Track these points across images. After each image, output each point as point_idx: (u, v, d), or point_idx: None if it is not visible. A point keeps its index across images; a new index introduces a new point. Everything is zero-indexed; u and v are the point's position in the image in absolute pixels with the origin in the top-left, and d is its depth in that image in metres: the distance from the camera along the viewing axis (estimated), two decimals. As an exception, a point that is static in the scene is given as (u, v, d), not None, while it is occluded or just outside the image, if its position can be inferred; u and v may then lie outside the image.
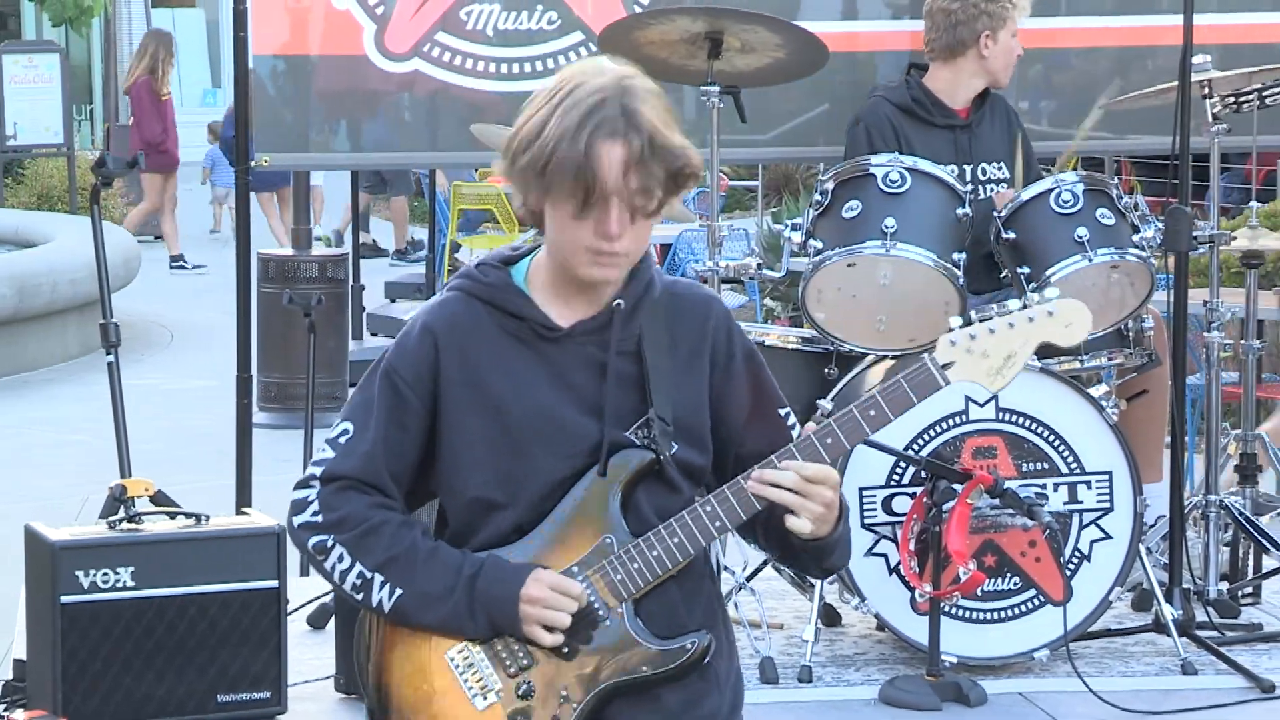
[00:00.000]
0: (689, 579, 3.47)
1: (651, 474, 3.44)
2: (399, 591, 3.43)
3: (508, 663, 3.40)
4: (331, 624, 6.32)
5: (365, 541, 3.44)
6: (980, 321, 3.39)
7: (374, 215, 21.32)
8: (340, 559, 3.46)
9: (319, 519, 3.48)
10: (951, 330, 3.41)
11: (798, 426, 3.54)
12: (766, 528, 3.51)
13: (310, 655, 6.39)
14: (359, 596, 3.46)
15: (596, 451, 3.41)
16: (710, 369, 3.48)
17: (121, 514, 5.97)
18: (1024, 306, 3.39)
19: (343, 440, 3.49)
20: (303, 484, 3.52)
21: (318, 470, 3.51)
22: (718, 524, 3.39)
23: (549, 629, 3.38)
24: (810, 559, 3.54)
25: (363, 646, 3.52)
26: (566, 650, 3.39)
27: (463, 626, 3.41)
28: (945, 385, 3.39)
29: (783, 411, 3.53)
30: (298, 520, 3.50)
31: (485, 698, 3.41)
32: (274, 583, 5.89)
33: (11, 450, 10.67)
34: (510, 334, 3.44)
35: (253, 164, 7.07)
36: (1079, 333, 3.43)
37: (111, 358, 6.69)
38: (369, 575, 3.44)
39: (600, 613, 3.39)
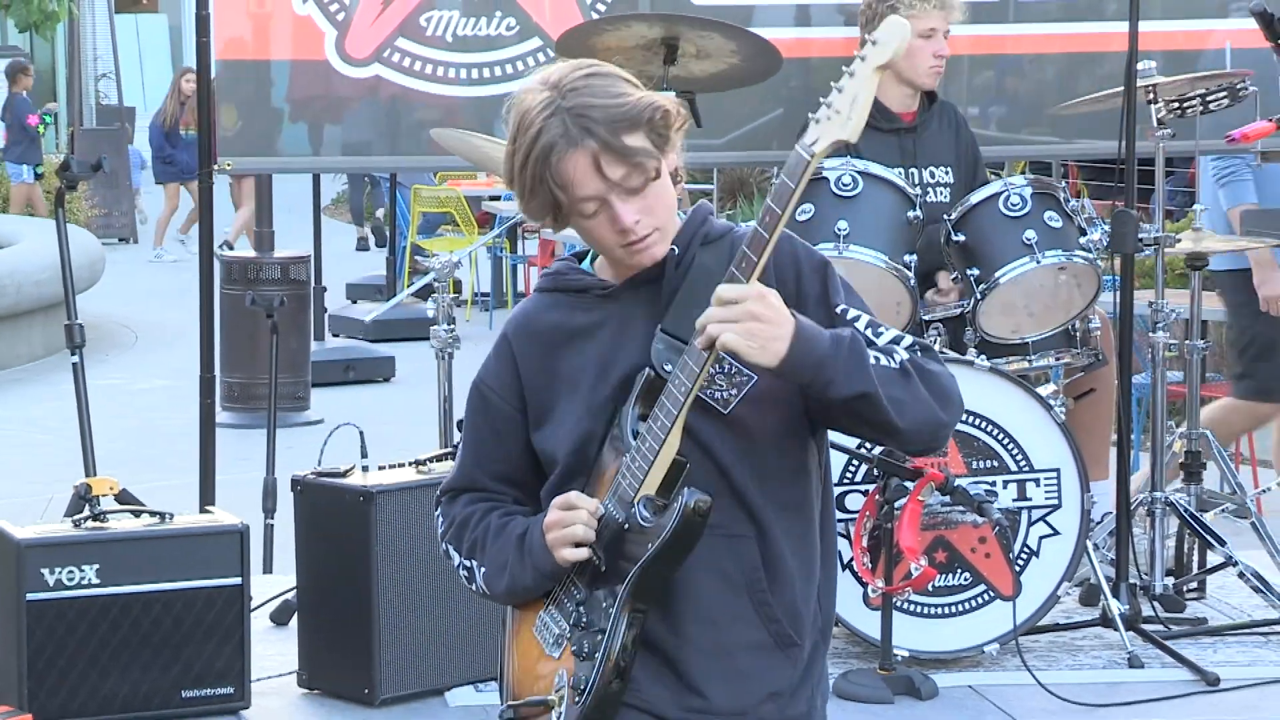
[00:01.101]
0: (759, 522, 3.42)
1: (709, 411, 3.37)
2: (483, 569, 3.52)
3: (568, 606, 3.46)
4: (294, 620, 6.30)
5: (459, 534, 3.56)
6: (833, 90, 3.41)
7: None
8: (453, 558, 3.59)
9: (441, 529, 3.62)
10: (818, 110, 3.42)
11: (862, 319, 3.42)
12: (811, 408, 3.41)
13: (273, 651, 6.38)
14: (472, 587, 3.57)
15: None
16: (779, 287, 3.40)
17: (86, 512, 5.95)
18: (858, 55, 3.43)
19: (458, 458, 3.64)
20: (436, 502, 3.67)
21: (441, 489, 3.66)
22: (681, 388, 3.33)
23: (577, 546, 3.40)
24: (846, 409, 3.32)
25: (502, 646, 3.62)
26: (604, 568, 3.40)
27: (524, 584, 3.48)
28: (810, 158, 3.36)
29: (852, 314, 3.40)
30: (439, 537, 3.66)
31: (559, 645, 3.47)
32: (237, 580, 5.89)
33: (-23, 449, 10.63)
34: (575, 307, 3.47)
35: (215, 168, 7.04)
36: (898, 41, 3.43)
37: (76, 358, 6.66)
38: (470, 565, 3.55)
39: (619, 520, 3.39)
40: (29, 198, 20.13)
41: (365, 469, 6.06)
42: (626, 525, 3.38)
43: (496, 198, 16.46)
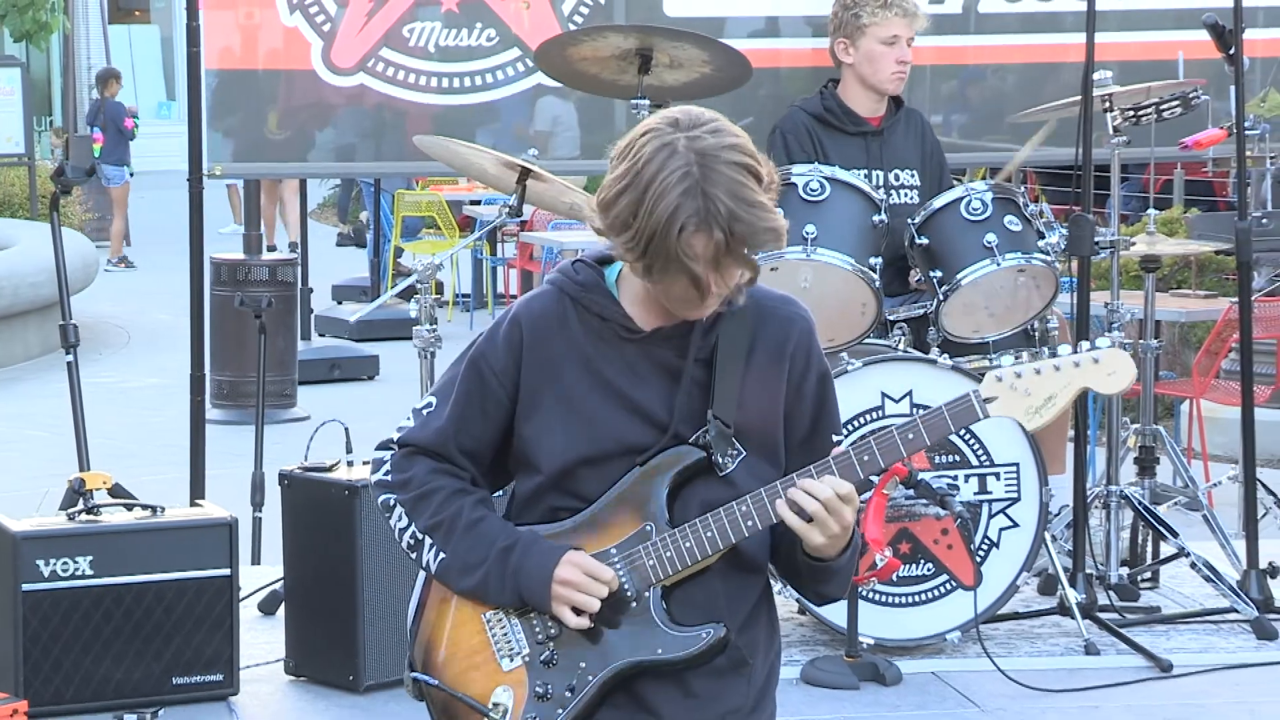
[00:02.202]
0: (738, 575, 3.45)
1: (709, 475, 3.41)
2: (442, 555, 3.46)
3: (537, 630, 3.42)
4: (281, 610, 6.29)
5: (420, 504, 3.48)
6: (1029, 361, 3.36)
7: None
8: (400, 518, 3.51)
9: (389, 478, 3.51)
10: (999, 367, 3.39)
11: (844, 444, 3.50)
12: (776, 540, 3.48)
13: (261, 639, 6.37)
14: (413, 555, 3.51)
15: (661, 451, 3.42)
16: (785, 384, 3.45)
17: (80, 505, 5.95)
18: (1074, 351, 3.35)
19: (425, 412, 3.53)
20: (383, 445, 3.57)
21: (397, 435, 3.55)
22: (749, 523, 3.36)
23: (578, 612, 3.38)
24: (809, 579, 3.48)
25: (416, 600, 3.52)
26: (590, 629, 3.39)
27: (491, 595, 3.43)
28: (984, 418, 3.38)
29: (836, 439, 3.49)
30: (374, 477, 3.56)
31: (511, 660, 3.43)
32: (226, 571, 5.88)
33: (-25, 445, 10.61)
34: (593, 331, 3.43)
35: (205, 173, 7.04)
36: (1122, 381, 3.34)
37: (71, 357, 6.66)
38: (420, 536, 3.48)
39: (629, 594, 3.38)
40: (123, 197, 20.77)
41: (350, 464, 6.06)
42: (635, 604, 3.38)
43: (477, 202, 16.47)
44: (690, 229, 3.24)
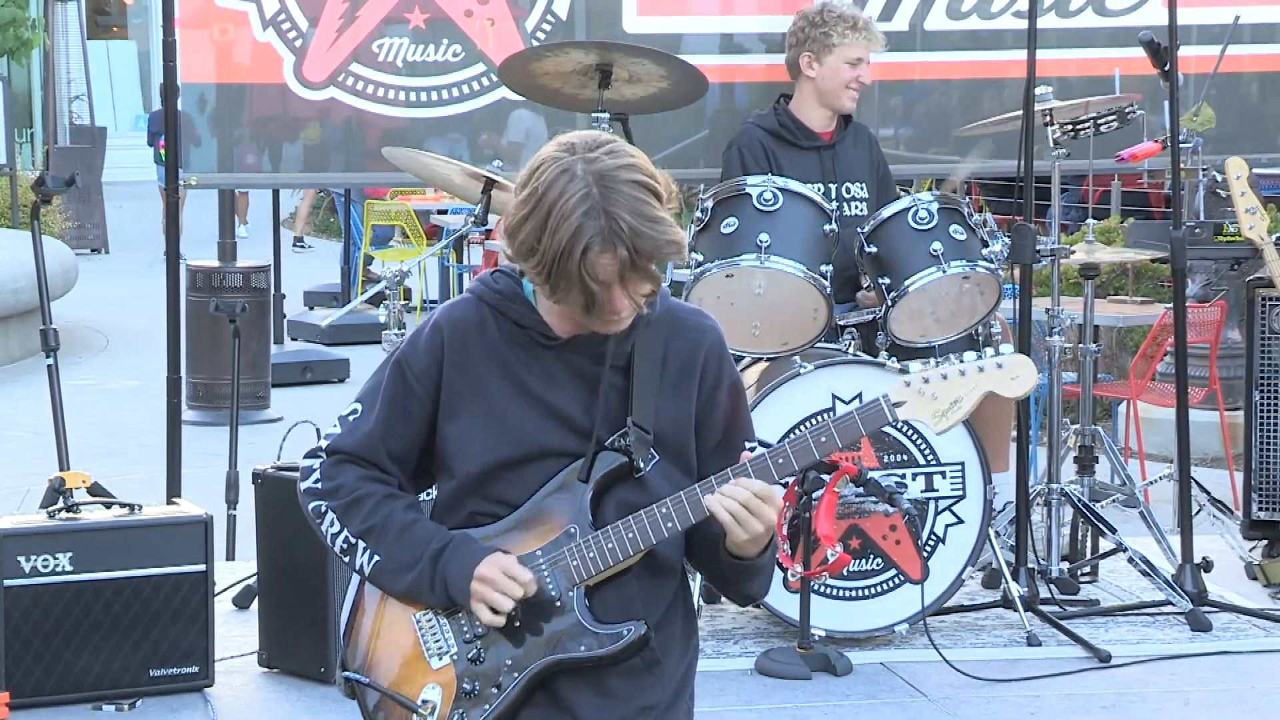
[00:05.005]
0: (653, 577, 3.45)
1: (627, 479, 3.40)
2: (376, 558, 3.44)
3: (465, 629, 3.41)
4: (255, 604, 6.27)
5: (351, 510, 3.46)
6: (935, 366, 3.35)
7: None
8: (332, 524, 3.48)
9: (319, 486, 3.50)
10: (907, 372, 3.38)
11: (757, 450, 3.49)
12: (698, 541, 3.48)
13: (236, 633, 6.35)
14: (346, 559, 3.49)
15: (577, 455, 3.39)
16: (698, 393, 3.44)
17: (60, 504, 5.92)
18: (979, 358, 3.34)
19: (350, 419, 3.51)
20: (311, 454, 3.55)
21: (325, 443, 3.53)
22: (669, 525, 3.36)
23: (496, 611, 3.37)
24: (733, 579, 3.48)
25: (350, 602, 3.50)
26: (518, 623, 3.38)
27: (423, 595, 3.42)
28: (894, 422, 3.37)
29: (749, 445, 3.46)
30: (303, 485, 3.54)
31: (440, 659, 3.42)
32: (202, 566, 5.86)
33: (-42, 446, 10.54)
34: (512, 339, 3.42)
35: (181, 184, 7.01)
36: (1024, 385, 3.33)
37: (51, 360, 6.62)
38: (353, 540, 3.46)
39: (552, 594, 3.38)
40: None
41: (321, 463, 6.03)
42: (559, 603, 3.38)
43: (444, 212, 16.42)
44: (595, 249, 3.23)
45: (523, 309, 3.43)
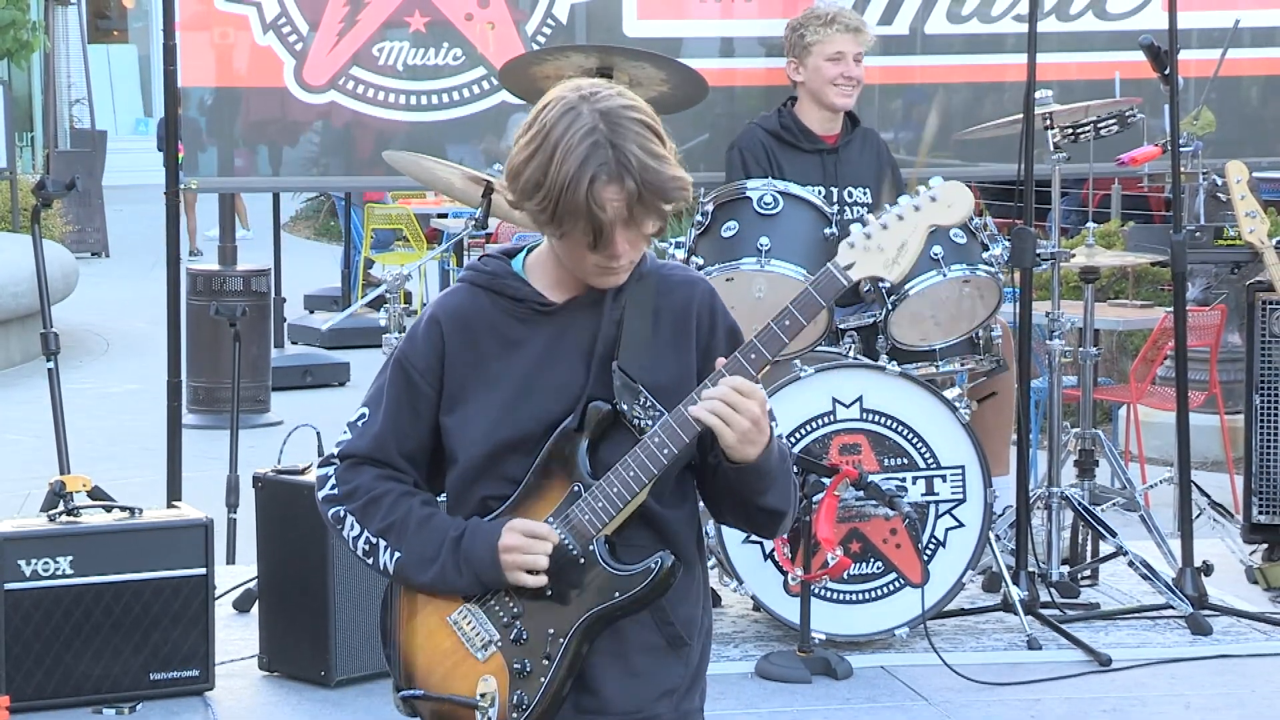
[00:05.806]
0: (667, 540, 3.40)
1: (619, 428, 3.37)
2: (398, 554, 3.41)
3: (500, 614, 3.39)
4: (255, 607, 6.27)
5: (369, 510, 3.44)
6: (875, 219, 3.37)
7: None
8: (351, 527, 3.45)
9: (335, 492, 3.47)
10: (849, 235, 3.38)
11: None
12: (708, 477, 3.42)
13: (236, 636, 6.35)
14: (369, 560, 3.46)
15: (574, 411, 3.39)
16: (695, 344, 3.43)
17: (61, 507, 5.91)
18: (911, 197, 3.37)
19: (359, 423, 3.49)
20: (325, 462, 3.52)
21: (336, 450, 3.50)
22: (665, 451, 3.32)
23: (532, 574, 3.36)
24: (749, 494, 3.38)
25: (388, 627, 3.50)
26: (550, 592, 3.37)
27: (452, 584, 3.40)
28: (848, 285, 3.36)
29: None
30: (320, 494, 3.50)
31: (485, 650, 3.40)
32: (202, 570, 5.86)
33: (-42, 449, 10.53)
34: (510, 315, 3.41)
35: (181, 187, 7.01)
36: (961, 211, 3.37)
37: (51, 364, 6.62)
38: (374, 540, 3.43)
39: (574, 552, 3.35)
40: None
41: (322, 467, 6.03)
42: (582, 560, 3.35)
43: (444, 215, 16.42)
44: (602, 179, 3.22)
45: (516, 283, 3.42)
